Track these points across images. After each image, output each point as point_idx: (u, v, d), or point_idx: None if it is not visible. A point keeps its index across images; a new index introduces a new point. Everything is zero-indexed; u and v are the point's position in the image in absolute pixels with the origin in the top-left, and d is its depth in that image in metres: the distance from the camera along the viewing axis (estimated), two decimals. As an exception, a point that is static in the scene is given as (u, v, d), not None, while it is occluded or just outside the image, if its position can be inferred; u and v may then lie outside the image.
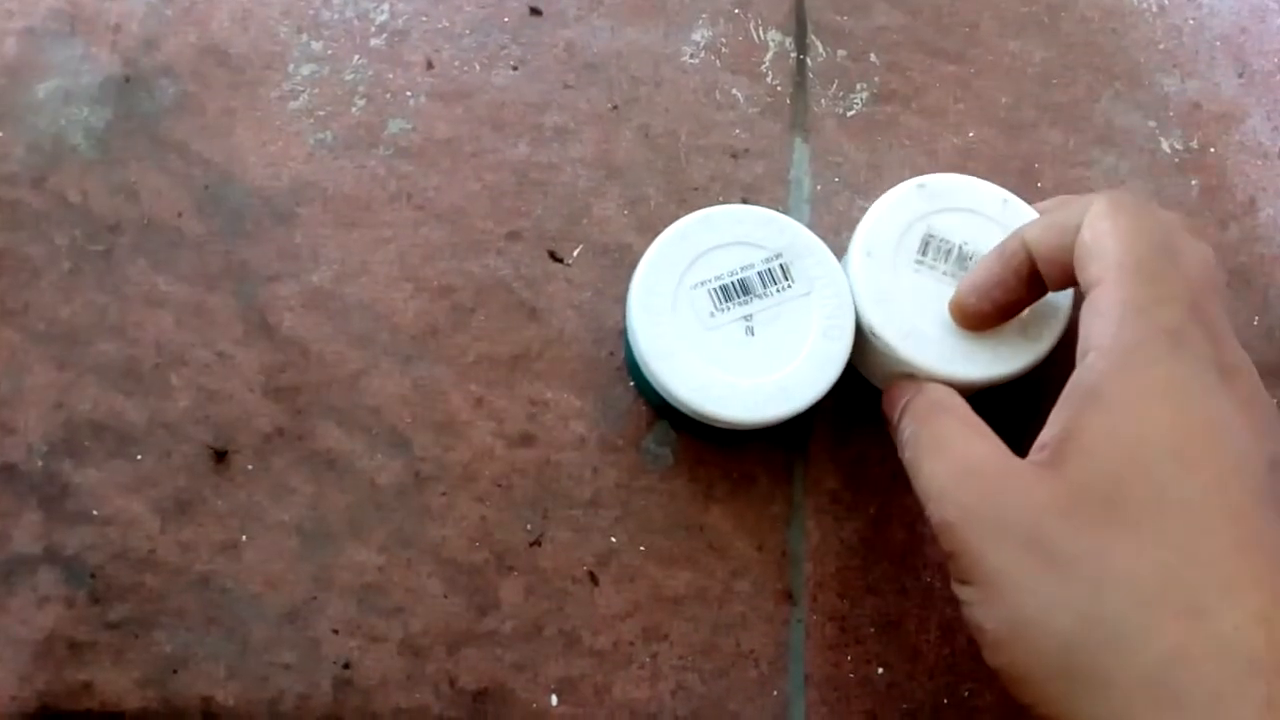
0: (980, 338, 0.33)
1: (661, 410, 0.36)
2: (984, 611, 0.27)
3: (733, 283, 0.33)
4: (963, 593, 0.27)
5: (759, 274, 0.34)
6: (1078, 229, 0.29)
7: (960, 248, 0.34)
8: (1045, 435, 0.28)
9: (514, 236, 0.39)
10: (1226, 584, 0.24)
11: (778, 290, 0.34)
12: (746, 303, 0.33)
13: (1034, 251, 0.31)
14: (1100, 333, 0.27)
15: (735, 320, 0.33)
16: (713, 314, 0.33)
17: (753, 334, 0.33)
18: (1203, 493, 0.25)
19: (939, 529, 0.28)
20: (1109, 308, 0.27)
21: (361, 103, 0.40)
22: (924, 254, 0.34)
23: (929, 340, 0.33)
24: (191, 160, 0.38)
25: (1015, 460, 0.28)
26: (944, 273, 0.34)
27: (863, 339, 0.34)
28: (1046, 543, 0.26)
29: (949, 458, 0.29)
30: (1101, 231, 0.28)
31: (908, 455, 0.31)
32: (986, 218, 0.34)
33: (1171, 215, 0.30)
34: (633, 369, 0.36)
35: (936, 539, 0.29)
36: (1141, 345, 0.27)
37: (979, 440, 0.29)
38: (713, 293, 0.33)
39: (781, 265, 0.34)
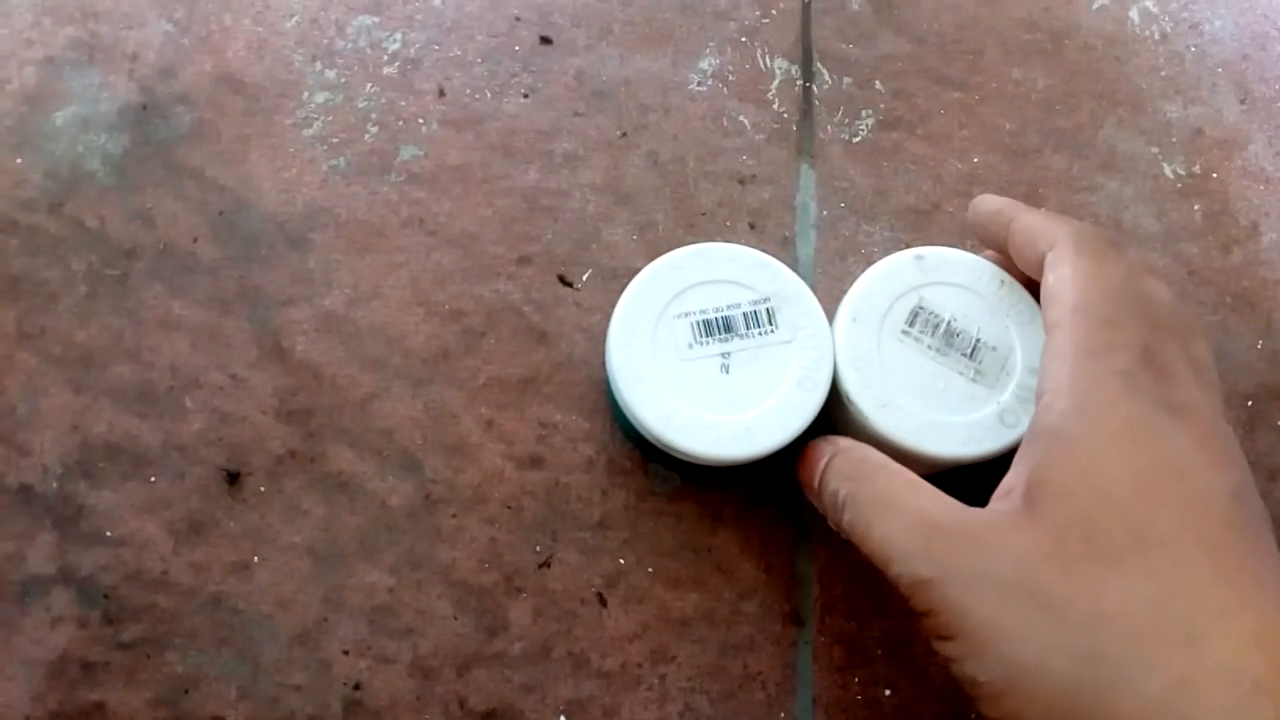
0: (956, 416, 0.33)
1: (630, 435, 0.36)
2: (976, 665, 0.26)
3: (716, 318, 0.33)
4: (947, 649, 0.27)
5: (744, 314, 0.33)
6: (1042, 254, 0.31)
7: (949, 323, 0.34)
8: (1011, 480, 0.28)
9: (524, 261, 0.39)
10: (1217, 611, 0.25)
11: (760, 333, 0.33)
12: (726, 340, 0.33)
13: (1009, 237, 0.33)
14: (1056, 375, 0.28)
15: (712, 356, 0.33)
16: (691, 346, 0.33)
17: (728, 372, 0.33)
18: (1175, 528, 0.26)
19: (911, 588, 0.28)
20: (1063, 350, 0.28)
21: (374, 130, 0.40)
22: (911, 325, 0.33)
23: (905, 413, 0.32)
24: (207, 186, 0.39)
25: (975, 511, 0.28)
26: (929, 346, 0.33)
27: (839, 403, 0.33)
28: (1035, 588, 0.26)
29: (902, 516, 0.29)
30: (1061, 277, 0.30)
31: (847, 518, 0.30)
32: (980, 295, 0.34)
33: (1136, 256, 0.31)
34: (608, 389, 0.36)
35: (908, 599, 0.28)
36: (1096, 389, 0.27)
37: (926, 495, 0.29)
38: (695, 325, 0.33)
39: (768, 309, 0.34)
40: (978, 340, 0.33)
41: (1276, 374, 0.40)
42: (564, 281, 0.39)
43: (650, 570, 0.36)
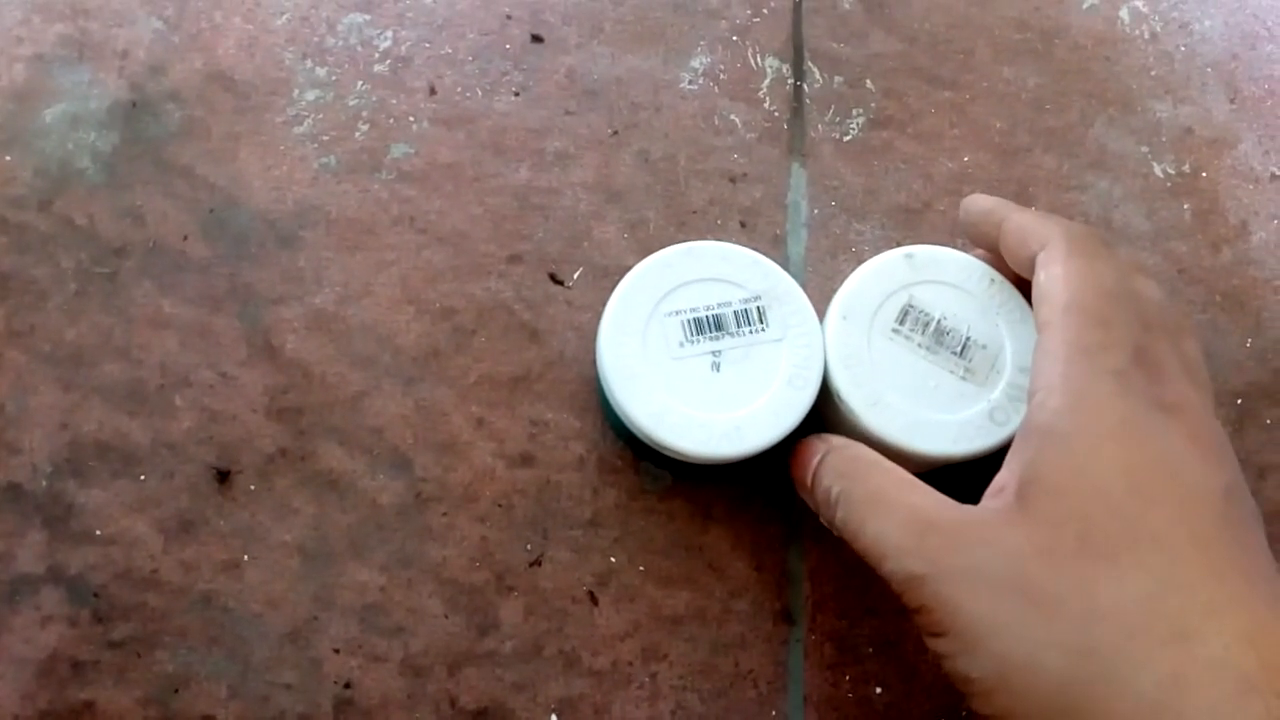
0: (946, 415, 0.33)
1: (621, 434, 0.36)
2: (968, 661, 0.26)
3: (707, 317, 0.33)
4: (939, 645, 0.27)
5: (734, 313, 0.33)
6: (1034, 254, 0.31)
7: (939, 321, 0.34)
8: (1004, 477, 0.28)
9: (515, 259, 0.39)
10: (1208, 608, 0.25)
11: (751, 331, 0.33)
12: (717, 339, 0.33)
13: (1000, 236, 0.33)
14: (1049, 374, 0.28)
15: (703, 354, 0.33)
16: (682, 344, 0.33)
17: (718, 370, 0.33)
18: (1168, 525, 0.26)
19: (904, 585, 0.28)
20: (1056, 349, 0.29)
21: (365, 128, 0.40)
22: (901, 323, 0.34)
23: (895, 411, 0.33)
24: (197, 184, 0.39)
25: (968, 508, 0.28)
26: (919, 344, 0.33)
27: (830, 401, 0.34)
28: (1029, 584, 0.26)
29: (896, 513, 0.29)
30: (1053, 276, 0.30)
31: (840, 514, 0.30)
32: (970, 294, 0.34)
33: (1126, 256, 0.31)
34: (599, 388, 0.36)
35: (900, 596, 0.28)
36: (1089, 387, 0.28)
37: (919, 493, 0.29)
38: (685, 324, 0.33)
39: (759, 308, 0.34)
40: (968, 338, 0.34)
41: (1265, 372, 0.40)
42: (555, 279, 0.39)
43: (641, 568, 0.36)
